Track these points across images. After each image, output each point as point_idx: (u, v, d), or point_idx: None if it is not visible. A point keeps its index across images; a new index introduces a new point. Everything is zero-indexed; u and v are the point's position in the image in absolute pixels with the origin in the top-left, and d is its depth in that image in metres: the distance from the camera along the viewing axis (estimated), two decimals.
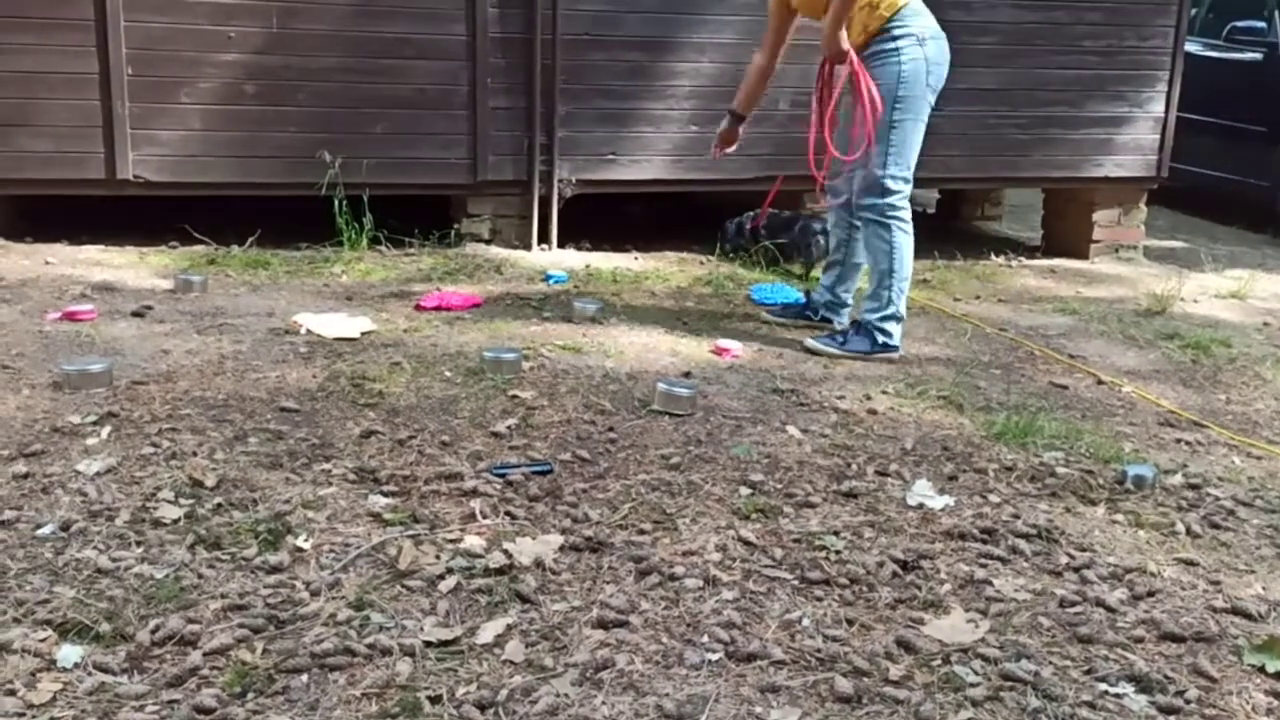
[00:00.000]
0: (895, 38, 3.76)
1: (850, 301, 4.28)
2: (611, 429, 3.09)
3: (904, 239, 3.88)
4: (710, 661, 2.02)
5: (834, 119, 3.87)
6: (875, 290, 3.92)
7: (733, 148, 4.37)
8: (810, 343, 3.95)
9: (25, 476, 2.56)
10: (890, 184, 3.83)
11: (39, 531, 2.33)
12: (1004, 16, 5.56)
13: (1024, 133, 5.73)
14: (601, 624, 2.11)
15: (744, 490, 2.75)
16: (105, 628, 2.00)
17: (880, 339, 3.90)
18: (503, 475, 2.72)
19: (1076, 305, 4.97)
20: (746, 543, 2.48)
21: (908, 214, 3.90)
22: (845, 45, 3.75)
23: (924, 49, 3.77)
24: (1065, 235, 6.12)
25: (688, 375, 3.59)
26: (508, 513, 2.54)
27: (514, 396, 3.28)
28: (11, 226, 4.86)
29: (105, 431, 2.84)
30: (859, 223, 4.06)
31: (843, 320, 4.25)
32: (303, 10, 4.82)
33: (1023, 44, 5.62)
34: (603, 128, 5.21)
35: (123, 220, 5.03)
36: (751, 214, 5.29)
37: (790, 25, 4.09)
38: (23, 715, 1.78)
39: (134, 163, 4.75)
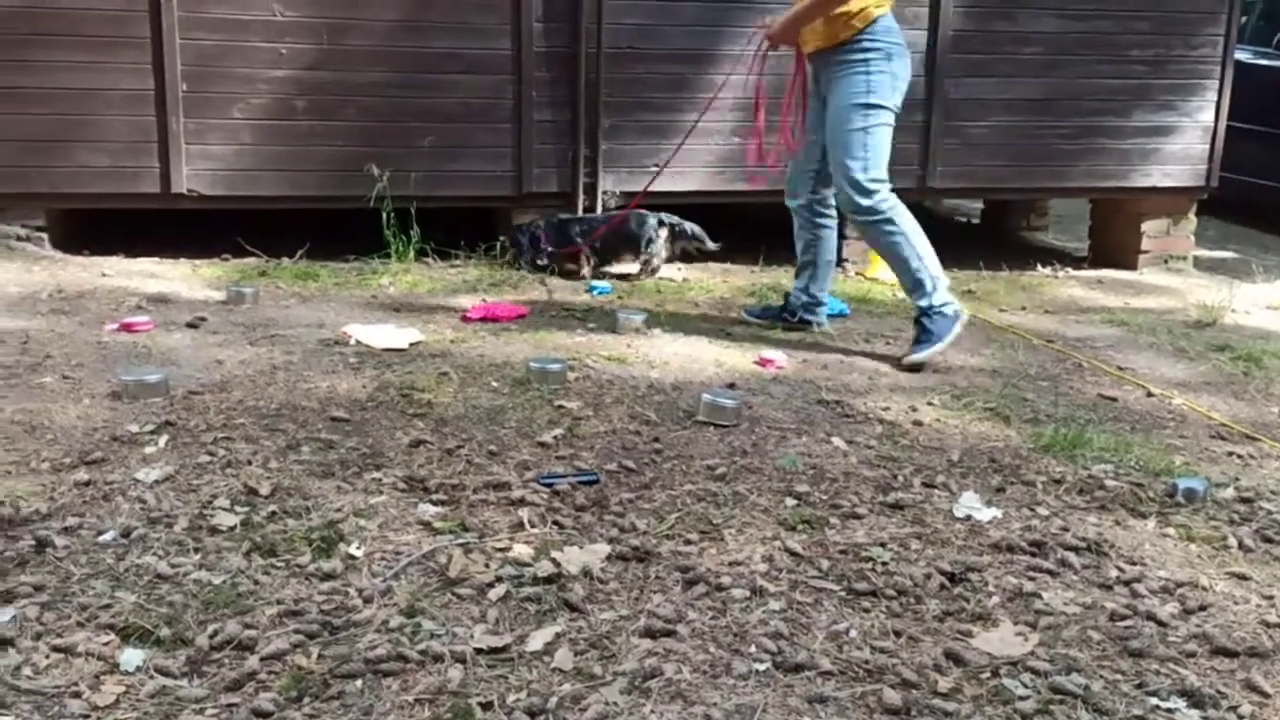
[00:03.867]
0: (864, 49, 3.85)
1: (826, 299, 4.35)
2: (657, 439, 3.10)
3: (908, 222, 3.94)
4: (758, 671, 2.03)
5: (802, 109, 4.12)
6: (915, 281, 3.95)
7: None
8: (913, 359, 3.92)
9: (87, 484, 2.63)
10: (871, 185, 3.90)
11: (101, 538, 2.39)
12: (1048, 26, 5.53)
13: (1070, 142, 5.69)
14: (649, 633, 2.13)
15: (790, 501, 2.76)
16: (165, 632, 2.05)
17: (950, 311, 3.95)
18: (550, 485, 2.74)
19: (1125, 316, 4.92)
20: (793, 553, 2.48)
21: (895, 198, 3.95)
22: (792, 39, 3.97)
23: (890, 64, 3.87)
24: (1113, 246, 6.06)
25: (732, 386, 3.60)
26: (555, 522, 2.57)
27: (560, 407, 3.31)
28: (69, 240, 4.98)
29: (163, 440, 2.90)
30: (823, 221, 4.20)
31: (822, 320, 4.32)
32: (353, 27, 4.90)
33: (1068, 53, 5.58)
34: (645, 140, 5.25)
35: (177, 233, 5.13)
36: (543, 221, 5.00)
37: None
38: (88, 717, 1.82)
39: (188, 177, 4.86)
